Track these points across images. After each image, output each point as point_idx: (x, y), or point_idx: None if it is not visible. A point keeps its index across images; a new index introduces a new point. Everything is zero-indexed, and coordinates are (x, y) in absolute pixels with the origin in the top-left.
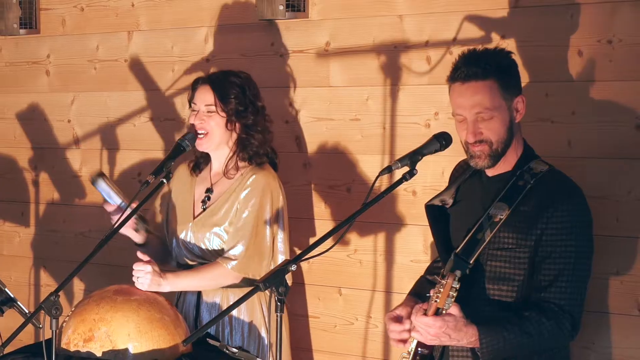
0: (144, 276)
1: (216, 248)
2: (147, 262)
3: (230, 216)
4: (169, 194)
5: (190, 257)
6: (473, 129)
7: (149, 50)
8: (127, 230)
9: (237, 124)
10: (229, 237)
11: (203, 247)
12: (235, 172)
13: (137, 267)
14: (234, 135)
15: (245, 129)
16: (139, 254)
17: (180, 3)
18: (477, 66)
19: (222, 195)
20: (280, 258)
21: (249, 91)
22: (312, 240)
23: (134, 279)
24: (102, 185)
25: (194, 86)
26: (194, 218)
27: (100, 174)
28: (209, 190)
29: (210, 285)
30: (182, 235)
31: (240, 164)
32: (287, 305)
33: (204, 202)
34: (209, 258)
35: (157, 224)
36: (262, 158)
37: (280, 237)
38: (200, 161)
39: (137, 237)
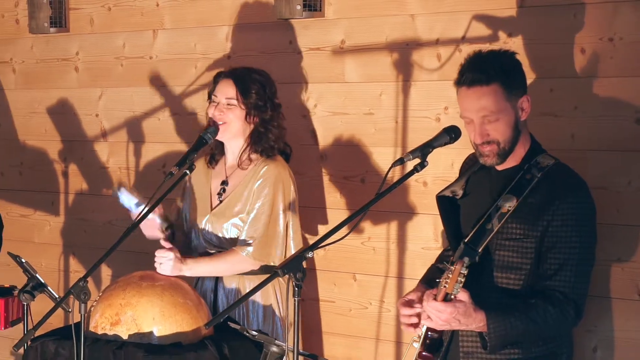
0: (166, 262)
1: (233, 237)
2: (169, 249)
3: (245, 206)
4: (188, 187)
5: (209, 247)
6: (480, 130)
7: (173, 47)
8: (154, 232)
9: (255, 118)
10: (245, 225)
11: (221, 236)
12: (248, 164)
13: (159, 253)
14: (250, 129)
15: (263, 124)
16: (162, 242)
17: (203, 3)
18: (481, 72)
19: (237, 187)
20: (292, 245)
21: (269, 88)
22: (327, 229)
23: (156, 264)
24: (125, 196)
25: (215, 79)
26: (212, 210)
27: (120, 187)
28: (224, 183)
29: (228, 271)
30: (201, 226)
31: (253, 155)
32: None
33: (220, 194)
34: (226, 247)
35: (178, 216)
36: (273, 151)
37: (292, 224)
38: (215, 153)
39: (162, 237)
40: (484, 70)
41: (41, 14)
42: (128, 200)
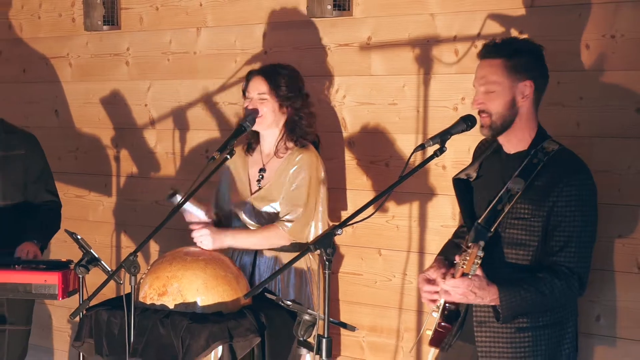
0: (205, 238)
1: (271, 213)
2: (203, 226)
3: (282, 191)
4: (227, 173)
5: (249, 222)
6: (477, 97)
7: (215, 44)
8: (191, 219)
9: (288, 108)
10: (282, 207)
11: (261, 220)
12: (284, 152)
13: (195, 234)
14: (284, 119)
15: (296, 112)
16: (192, 226)
17: (242, 3)
18: (493, 46)
19: (274, 174)
20: (320, 225)
21: (296, 80)
22: (354, 209)
23: (197, 243)
24: (178, 200)
25: (247, 78)
26: (252, 195)
27: (173, 193)
28: (262, 170)
29: (264, 244)
30: (241, 211)
31: (289, 144)
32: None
33: (258, 180)
34: (263, 221)
35: (217, 200)
36: (307, 139)
37: (322, 206)
38: (252, 141)
39: (201, 215)
40: (497, 46)
41: (95, 13)
42: (187, 205)
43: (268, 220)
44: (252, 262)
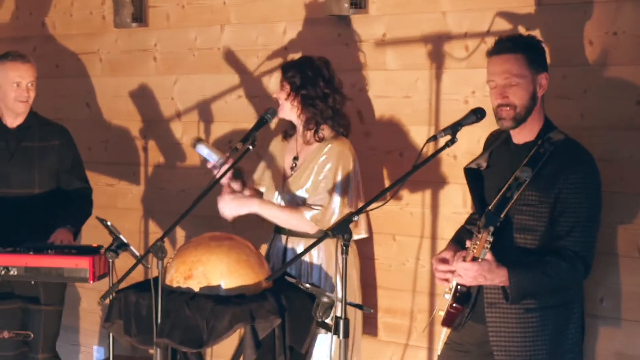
0: (229, 203)
1: (301, 205)
2: (230, 192)
3: (311, 179)
4: (270, 157)
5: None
6: (501, 91)
7: (238, 40)
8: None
9: (298, 97)
10: (309, 195)
11: (293, 198)
12: (315, 141)
13: (220, 199)
14: (298, 108)
15: (309, 101)
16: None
17: (264, 2)
18: (509, 42)
19: (304, 162)
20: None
21: (314, 69)
22: (371, 196)
23: (219, 208)
24: (202, 147)
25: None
26: (284, 181)
27: (199, 139)
28: (295, 159)
29: (288, 223)
30: (274, 195)
31: (321, 134)
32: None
33: (292, 167)
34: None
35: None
36: (338, 127)
37: (351, 195)
38: (288, 129)
39: (236, 187)
40: (513, 41)
41: (124, 10)
42: (204, 153)
43: (296, 205)
44: (283, 248)
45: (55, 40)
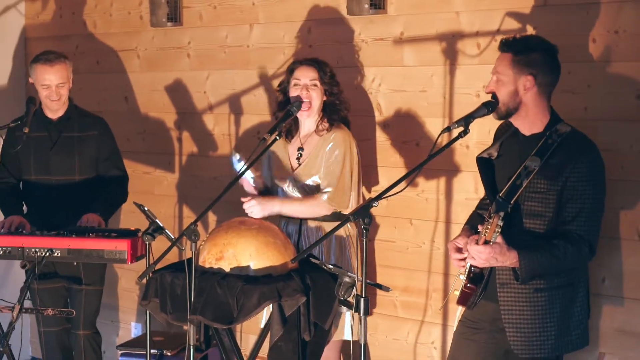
0: (254, 207)
1: (313, 192)
2: (251, 198)
3: (320, 166)
4: (270, 156)
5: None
6: (490, 83)
7: (266, 38)
8: (249, 188)
9: (327, 95)
10: (322, 180)
11: (303, 192)
12: (322, 131)
13: (245, 205)
14: (322, 103)
15: (335, 97)
16: (242, 199)
17: (290, 2)
18: (505, 43)
19: (312, 151)
20: (353, 194)
21: (332, 70)
22: (388, 184)
23: (247, 212)
24: (240, 164)
25: (293, 67)
26: (293, 171)
27: (237, 154)
28: (300, 149)
29: (308, 212)
30: (285, 186)
31: (325, 124)
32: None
33: (297, 158)
34: (306, 193)
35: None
36: (340, 119)
37: (355, 178)
38: (292, 127)
39: (252, 190)
40: (509, 42)
41: (160, 11)
42: (240, 167)
43: (309, 192)
44: (297, 230)
45: (96, 38)
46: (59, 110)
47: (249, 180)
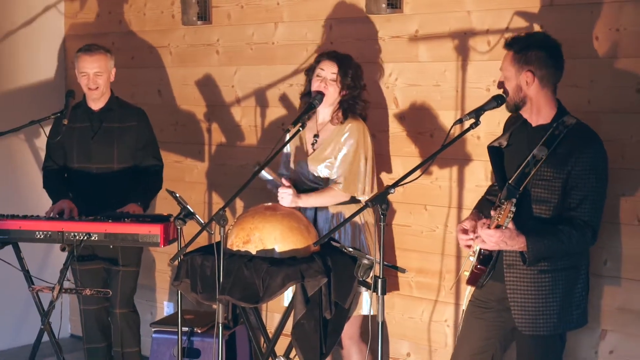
0: (287, 196)
1: (325, 176)
2: (288, 186)
3: (333, 153)
4: (290, 146)
5: (307, 184)
6: (500, 79)
7: (290, 36)
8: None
9: (345, 93)
10: (335, 168)
11: (316, 175)
12: (337, 122)
13: (281, 190)
14: (339, 98)
15: (352, 98)
16: (283, 180)
17: (312, 2)
18: (509, 41)
19: (327, 139)
20: (367, 180)
21: (359, 72)
22: (404, 172)
23: (279, 198)
24: (264, 174)
25: (318, 59)
26: (308, 156)
27: (261, 167)
28: (315, 136)
29: (329, 202)
30: (300, 169)
31: (341, 116)
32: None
33: (313, 144)
34: (319, 183)
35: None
36: (356, 114)
37: (370, 166)
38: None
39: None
40: (511, 41)
41: (191, 10)
42: (267, 176)
43: (322, 176)
44: (313, 216)
45: (131, 35)
46: (100, 101)
47: (265, 177)
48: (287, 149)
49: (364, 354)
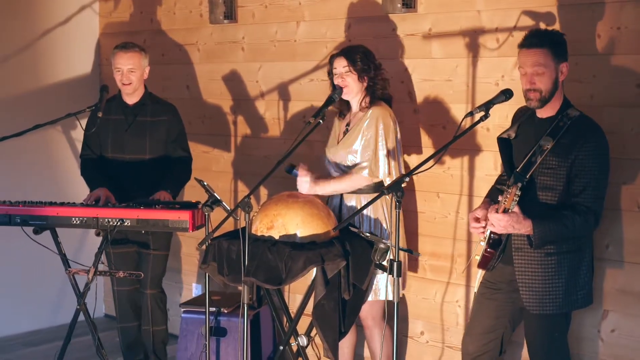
0: (304, 184)
1: (349, 163)
2: (306, 173)
3: (357, 140)
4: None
5: (335, 169)
6: (530, 79)
7: (310, 34)
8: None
9: (365, 77)
10: (360, 154)
11: (343, 162)
12: (365, 108)
13: (299, 177)
14: (364, 85)
15: (371, 80)
16: (300, 168)
17: (332, 2)
18: (537, 38)
19: (354, 127)
20: (393, 164)
21: (367, 55)
22: (419, 161)
23: (297, 184)
24: (295, 172)
25: (331, 60)
26: (338, 143)
27: (292, 165)
28: (347, 125)
29: (348, 188)
30: (330, 155)
31: (367, 102)
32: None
33: (344, 132)
34: (344, 169)
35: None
36: (384, 98)
37: (391, 149)
38: (343, 109)
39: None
40: (540, 37)
41: (218, 9)
42: (296, 173)
43: (349, 163)
44: (339, 203)
45: (161, 34)
46: (134, 96)
47: (296, 174)
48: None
49: (383, 333)
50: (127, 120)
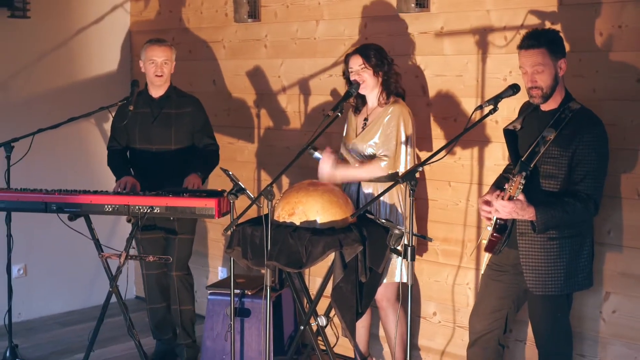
0: (325, 165)
1: (369, 154)
2: (330, 156)
3: (377, 134)
4: (346, 127)
5: (355, 160)
6: (531, 78)
7: (329, 32)
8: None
9: (380, 72)
10: (378, 147)
11: (362, 154)
12: (383, 105)
13: (324, 155)
14: (380, 80)
15: (385, 74)
16: (327, 149)
17: (349, 2)
18: (534, 39)
19: (373, 121)
20: (409, 158)
21: (380, 51)
22: (431, 152)
23: (319, 167)
24: (317, 154)
25: (346, 59)
26: (356, 136)
27: (314, 148)
28: (365, 119)
29: (366, 176)
30: (350, 147)
31: (384, 98)
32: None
33: (363, 127)
34: (362, 160)
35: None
36: (398, 92)
37: (410, 144)
38: (358, 103)
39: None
40: (537, 38)
41: (242, 9)
42: (317, 156)
43: (365, 156)
44: (357, 191)
45: (189, 31)
46: (161, 90)
47: (317, 157)
48: (344, 132)
49: (398, 314)
50: (153, 113)
